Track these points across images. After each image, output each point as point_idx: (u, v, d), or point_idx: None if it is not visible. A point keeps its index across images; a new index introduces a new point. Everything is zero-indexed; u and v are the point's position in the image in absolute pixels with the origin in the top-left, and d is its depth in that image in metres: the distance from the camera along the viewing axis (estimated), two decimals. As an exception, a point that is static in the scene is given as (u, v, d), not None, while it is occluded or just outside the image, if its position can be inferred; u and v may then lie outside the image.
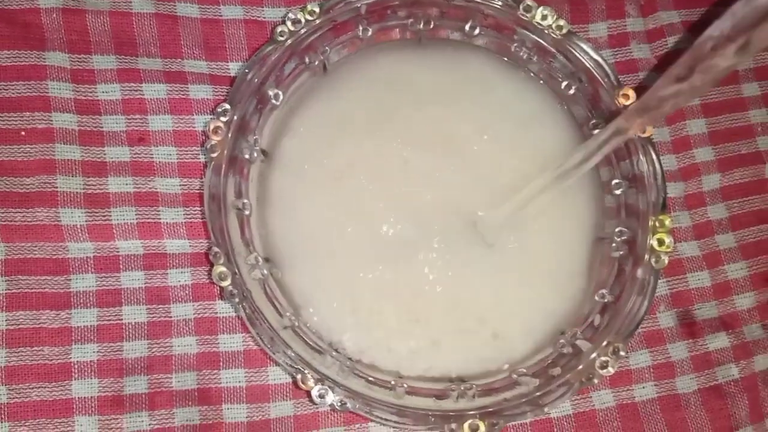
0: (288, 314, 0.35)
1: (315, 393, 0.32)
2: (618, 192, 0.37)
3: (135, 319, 0.37)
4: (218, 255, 0.33)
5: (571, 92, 0.38)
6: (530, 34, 0.38)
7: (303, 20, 0.36)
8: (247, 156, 0.36)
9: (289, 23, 0.36)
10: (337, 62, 0.39)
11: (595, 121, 0.38)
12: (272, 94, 0.36)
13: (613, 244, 0.37)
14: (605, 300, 0.36)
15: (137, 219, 0.38)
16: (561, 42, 0.37)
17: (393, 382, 0.34)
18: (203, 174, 0.38)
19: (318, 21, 0.36)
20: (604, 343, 0.34)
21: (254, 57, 0.36)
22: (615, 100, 0.36)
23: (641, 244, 0.35)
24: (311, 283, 0.36)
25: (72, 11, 0.39)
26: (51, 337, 0.36)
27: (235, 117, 0.35)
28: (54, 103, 0.38)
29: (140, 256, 0.38)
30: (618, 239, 0.37)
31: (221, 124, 0.34)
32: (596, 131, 0.38)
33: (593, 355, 0.34)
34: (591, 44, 0.37)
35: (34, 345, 0.36)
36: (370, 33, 0.38)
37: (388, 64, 0.39)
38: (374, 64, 0.39)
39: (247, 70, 0.35)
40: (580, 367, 0.34)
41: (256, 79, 0.35)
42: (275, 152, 0.37)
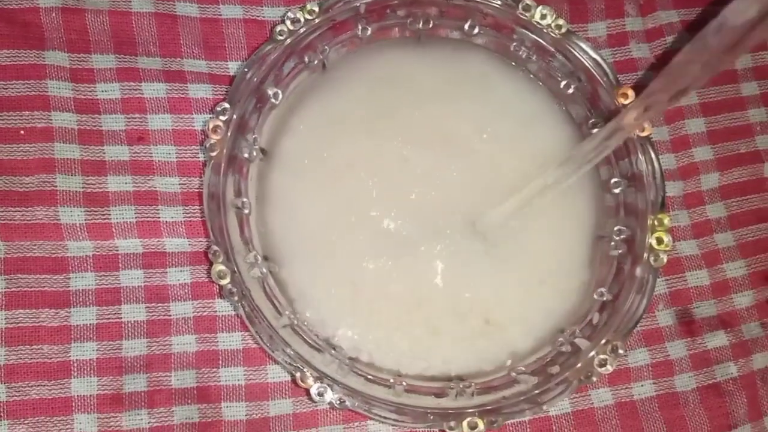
0: (287, 312, 0.35)
1: (314, 391, 0.32)
2: (617, 191, 0.37)
3: (134, 318, 0.37)
4: (217, 253, 0.33)
5: (570, 91, 0.38)
6: (529, 34, 0.38)
7: (302, 19, 0.36)
8: (247, 155, 0.36)
9: (289, 22, 0.36)
10: (337, 61, 0.39)
11: (594, 120, 0.38)
12: (271, 93, 0.36)
13: (612, 243, 0.37)
14: (604, 298, 0.36)
15: (136, 218, 0.38)
16: (560, 41, 0.37)
17: (392, 380, 0.34)
18: (202, 173, 0.38)
19: (317, 20, 0.36)
20: (603, 342, 0.34)
21: (253, 56, 0.36)
22: (614, 100, 0.36)
23: (640, 243, 0.35)
24: (310, 282, 0.36)
25: (71, 10, 0.39)
26: (50, 336, 0.36)
27: (235, 116, 0.35)
28: (53, 102, 0.38)
29: (139, 255, 0.38)
30: (617, 238, 0.37)
31: (220, 123, 0.35)
32: (595, 130, 0.38)
33: (592, 354, 0.34)
34: (590, 43, 0.37)
35: (34, 343, 0.36)
36: (370, 32, 0.38)
37: (388, 63, 0.39)
38: (373, 63, 0.39)
39: (247, 69, 0.35)
40: (579, 366, 0.34)
41: (256, 78, 0.35)
42: (274, 151, 0.37)
